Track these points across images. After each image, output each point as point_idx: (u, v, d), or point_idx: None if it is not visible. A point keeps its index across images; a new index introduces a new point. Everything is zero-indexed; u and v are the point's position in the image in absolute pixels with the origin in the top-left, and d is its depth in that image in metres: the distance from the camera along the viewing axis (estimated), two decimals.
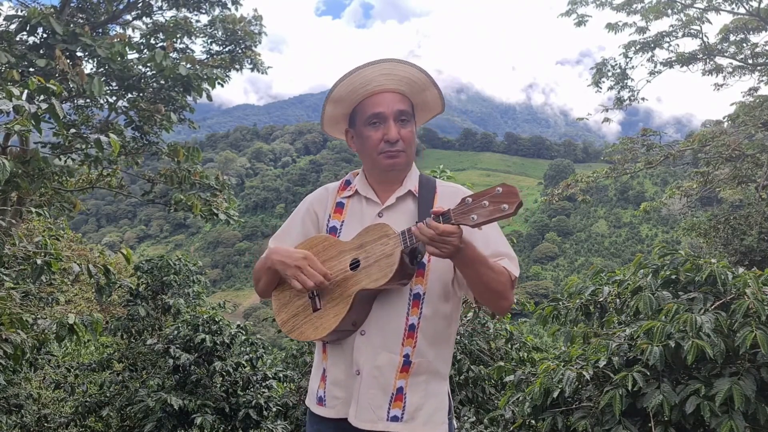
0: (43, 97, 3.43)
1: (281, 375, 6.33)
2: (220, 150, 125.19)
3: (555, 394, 2.76)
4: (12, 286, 4.38)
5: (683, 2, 11.39)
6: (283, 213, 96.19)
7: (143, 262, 7.29)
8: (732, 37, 11.66)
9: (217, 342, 6.14)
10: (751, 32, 11.46)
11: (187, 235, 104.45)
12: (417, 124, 1.91)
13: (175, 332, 6.31)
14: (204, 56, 8.52)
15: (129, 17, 8.13)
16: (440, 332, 1.83)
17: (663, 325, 2.52)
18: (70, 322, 3.88)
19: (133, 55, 6.96)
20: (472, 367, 4.88)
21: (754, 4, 11.19)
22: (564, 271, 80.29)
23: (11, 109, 3.30)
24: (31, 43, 6.35)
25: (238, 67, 8.55)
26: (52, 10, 6.44)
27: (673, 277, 2.92)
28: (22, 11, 6.45)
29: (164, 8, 8.22)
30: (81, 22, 7.08)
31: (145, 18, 8.20)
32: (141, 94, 7.27)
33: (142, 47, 7.58)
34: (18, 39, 6.26)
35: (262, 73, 8.87)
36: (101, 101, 7.24)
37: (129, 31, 7.65)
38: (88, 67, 6.65)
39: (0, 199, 5.93)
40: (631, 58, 12.25)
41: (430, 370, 1.82)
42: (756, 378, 2.38)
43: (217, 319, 6.35)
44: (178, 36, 8.02)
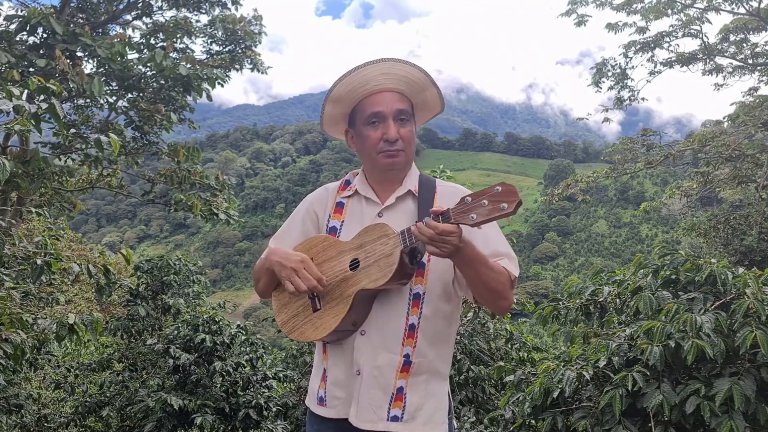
0: (43, 97, 3.43)
1: (281, 375, 6.33)
2: (220, 150, 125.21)
3: (555, 394, 2.76)
4: (12, 286, 4.38)
5: (683, 2, 11.39)
6: (283, 213, 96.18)
7: (143, 262, 7.29)
8: (732, 37, 11.66)
9: (217, 342, 6.14)
10: (751, 32, 11.46)
11: (187, 235, 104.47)
12: (417, 124, 1.90)
13: (175, 332, 6.32)
14: (204, 56, 8.53)
15: (129, 17, 8.13)
16: (440, 332, 1.83)
17: (663, 325, 2.52)
18: (70, 321, 3.87)
19: (133, 55, 6.96)
20: (472, 367, 4.88)
21: (754, 4, 11.20)
22: (564, 271, 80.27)
23: (11, 109, 3.30)
24: (31, 43, 6.35)
25: (238, 67, 8.55)
26: (52, 10, 6.44)
27: (673, 277, 2.91)
28: (22, 11, 6.45)
29: (164, 8, 8.23)
30: (81, 22, 7.08)
31: (145, 18, 8.20)
32: (141, 94, 7.28)
33: (142, 47, 7.58)
34: (18, 39, 6.26)
35: (262, 73, 8.88)
36: (101, 101, 7.24)
37: (129, 31, 7.65)
38: (88, 67, 6.66)
39: (0, 199, 5.93)
40: (631, 58, 12.26)
41: (431, 370, 1.81)
42: (756, 378, 2.38)
43: (217, 319, 6.35)
44: (178, 36, 8.02)
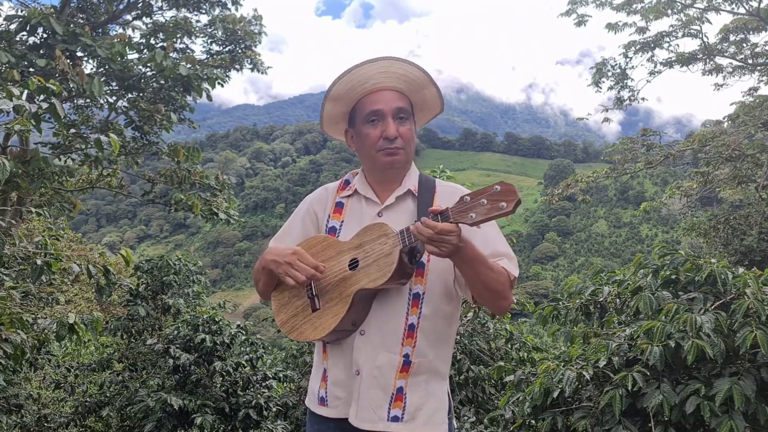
0: (43, 97, 3.43)
1: (281, 375, 6.34)
2: (220, 150, 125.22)
3: (555, 394, 2.76)
4: (12, 286, 4.38)
5: (683, 2, 11.39)
6: (283, 213, 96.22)
7: (143, 262, 7.29)
8: (732, 37, 11.66)
9: (217, 342, 6.14)
10: (751, 32, 11.45)
11: (187, 235, 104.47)
12: (417, 125, 1.90)
13: (175, 332, 6.32)
14: (204, 56, 8.53)
15: (129, 17, 8.14)
16: (440, 332, 1.82)
17: (663, 325, 2.52)
18: (70, 321, 3.88)
19: (133, 55, 6.97)
20: (472, 367, 4.88)
21: (754, 4, 11.19)
22: (564, 271, 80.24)
23: (11, 109, 3.30)
24: (31, 43, 6.35)
25: (238, 67, 8.55)
26: (52, 10, 6.44)
27: (673, 277, 2.91)
28: (22, 11, 6.46)
29: (164, 8, 8.23)
30: (81, 22, 7.08)
31: (145, 18, 8.21)
32: (141, 94, 7.28)
33: (142, 47, 7.58)
34: (18, 39, 6.27)
35: (262, 73, 8.88)
36: (101, 101, 7.25)
37: (129, 31, 7.66)
38: (88, 67, 6.66)
39: (0, 199, 5.93)
40: (631, 58, 12.26)
41: (430, 369, 1.81)
42: (756, 378, 2.38)
43: (217, 319, 6.35)
44: (178, 36, 8.02)
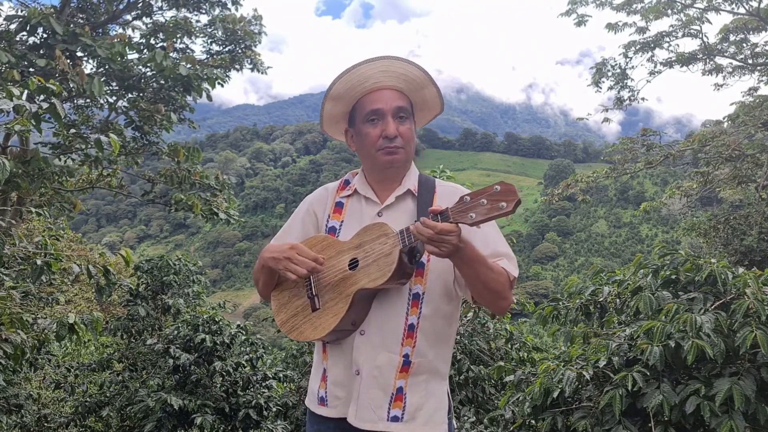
0: (43, 97, 3.43)
1: (281, 375, 6.33)
2: (220, 150, 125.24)
3: (555, 394, 2.76)
4: (12, 286, 4.38)
5: (683, 2, 11.39)
6: (283, 213, 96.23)
7: (143, 262, 7.29)
8: (732, 37, 11.66)
9: (217, 342, 6.14)
10: (751, 32, 11.46)
11: (187, 235, 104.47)
12: (417, 125, 1.90)
13: (175, 332, 6.32)
14: (204, 56, 8.53)
15: (129, 17, 8.14)
16: (440, 332, 1.82)
17: (663, 325, 2.52)
18: (70, 321, 3.88)
19: (133, 55, 6.97)
20: (472, 367, 4.88)
21: (754, 4, 11.20)
22: (564, 271, 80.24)
23: (11, 109, 3.30)
24: (31, 43, 6.35)
25: (238, 67, 8.55)
26: (52, 10, 6.44)
27: (673, 277, 2.91)
28: (22, 11, 6.46)
29: (164, 8, 8.23)
30: (81, 22, 7.08)
31: (145, 18, 8.21)
32: (141, 94, 7.28)
33: (142, 47, 7.58)
34: (18, 39, 6.27)
35: (262, 73, 8.89)
36: (101, 101, 7.25)
37: (129, 31, 7.66)
38: (88, 67, 6.66)
39: (0, 199, 5.93)
40: (631, 58, 12.26)
41: (430, 369, 1.81)
42: (756, 378, 2.38)
43: (217, 319, 6.35)
44: (178, 36, 8.02)
